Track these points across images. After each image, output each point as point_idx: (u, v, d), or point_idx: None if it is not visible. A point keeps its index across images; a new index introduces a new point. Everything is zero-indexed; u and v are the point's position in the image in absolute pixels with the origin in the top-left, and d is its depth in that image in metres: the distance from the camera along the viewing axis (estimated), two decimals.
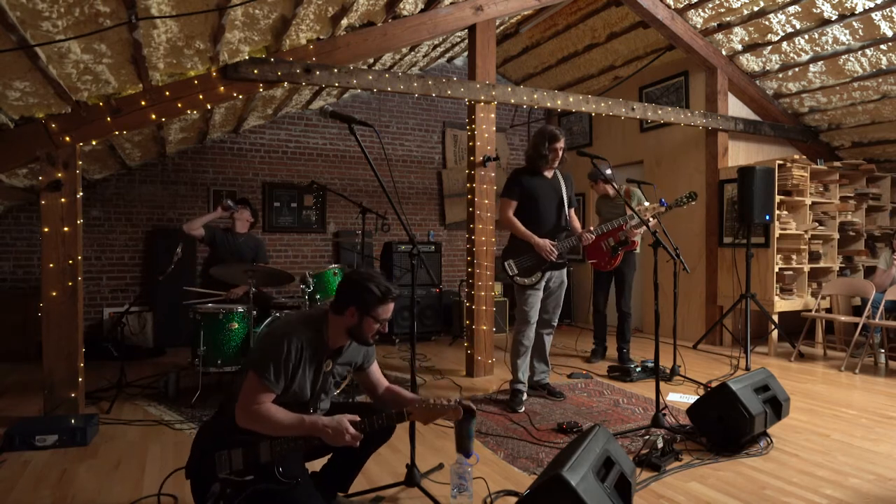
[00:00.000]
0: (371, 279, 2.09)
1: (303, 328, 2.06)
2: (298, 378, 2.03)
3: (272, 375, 1.95)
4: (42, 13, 2.50)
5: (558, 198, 3.85)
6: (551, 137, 3.77)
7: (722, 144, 6.03)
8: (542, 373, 4.09)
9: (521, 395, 3.81)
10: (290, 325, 2.08)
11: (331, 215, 6.95)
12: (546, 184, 3.85)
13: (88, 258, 5.89)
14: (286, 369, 1.98)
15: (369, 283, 2.07)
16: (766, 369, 3.30)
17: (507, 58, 7.73)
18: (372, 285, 2.07)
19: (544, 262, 3.74)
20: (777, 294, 5.49)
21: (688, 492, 2.52)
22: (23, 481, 2.66)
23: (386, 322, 2.13)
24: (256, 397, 1.95)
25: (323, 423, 1.95)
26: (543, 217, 3.80)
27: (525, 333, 3.86)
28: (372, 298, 2.05)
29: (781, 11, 5.07)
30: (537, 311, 3.86)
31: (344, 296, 2.09)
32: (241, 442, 1.97)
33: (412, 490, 2.49)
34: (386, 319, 2.12)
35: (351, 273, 2.19)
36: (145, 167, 6.14)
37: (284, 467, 1.97)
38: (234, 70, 3.83)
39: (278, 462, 1.96)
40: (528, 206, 3.81)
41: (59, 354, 3.49)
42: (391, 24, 4.37)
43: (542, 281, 3.81)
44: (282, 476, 1.96)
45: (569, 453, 2.04)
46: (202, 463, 1.99)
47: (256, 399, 1.95)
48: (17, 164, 3.57)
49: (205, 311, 3.93)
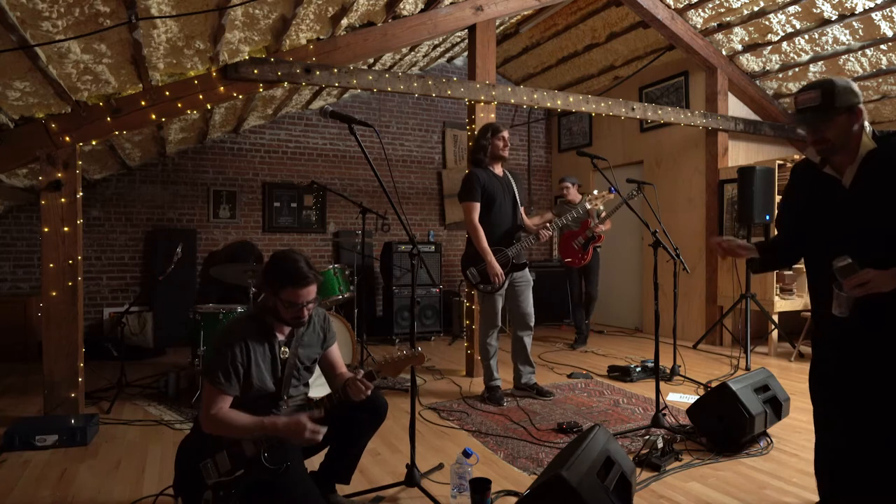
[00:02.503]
0: (284, 259, 2.05)
1: (245, 323, 2.08)
2: (255, 374, 2.03)
3: (222, 378, 1.97)
4: (42, 13, 2.50)
5: (512, 197, 3.88)
6: (494, 130, 3.84)
7: (722, 144, 6.03)
8: (529, 373, 4.10)
9: (498, 390, 3.94)
10: (232, 324, 2.10)
11: (331, 215, 6.96)
12: (499, 182, 3.86)
13: (88, 258, 5.89)
14: (235, 370, 1.99)
15: (282, 262, 2.04)
16: (766, 369, 3.29)
17: (507, 58, 7.73)
18: (283, 264, 2.03)
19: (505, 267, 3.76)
20: (777, 294, 5.49)
21: (688, 492, 2.52)
22: (23, 481, 2.66)
23: (300, 307, 2.04)
24: (213, 403, 1.98)
25: (282, 423, 1.95)
26: (501, 217, 3.82)
27: (492, 335, 3.98)
28: (280, 279, 2.02)
29: (781, 11, 5.07)
30: (500, 314, 3.96)
31: (262, 277, 2.10)
32: (223, 444, 1.99)
33: (412, 490, 2.48)
34: (295, 304, 2.03)
35: (273, 253, 2.19)
36: (145, 167, 6.14)
37: (270, 454, 1.98)
38: (234, 70, 3.83)
39: (263, 451, 1.97)
40: (486, 206, 3.80)
41: (59, 354, 3.49)
42: (391, 24, 4.37)
43: (504, 285, 3.84)
44: (269, 463, 1.97)
45: (569, 453, 2.04)
46: (189, 478, 2.01)
47: (214, 405, 1.97)
48: (17, 164, 3.57)
49: (205, 311, 3.92)
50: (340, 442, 2.27)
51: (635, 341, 6.31)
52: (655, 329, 3.39)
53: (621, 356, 5.45)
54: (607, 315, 7.56)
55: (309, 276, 2.03)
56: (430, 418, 3.56)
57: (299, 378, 2.21)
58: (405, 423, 2.66)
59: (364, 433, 2.31)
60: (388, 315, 6.30)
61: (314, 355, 2.25)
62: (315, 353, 2.25)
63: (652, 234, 3.48)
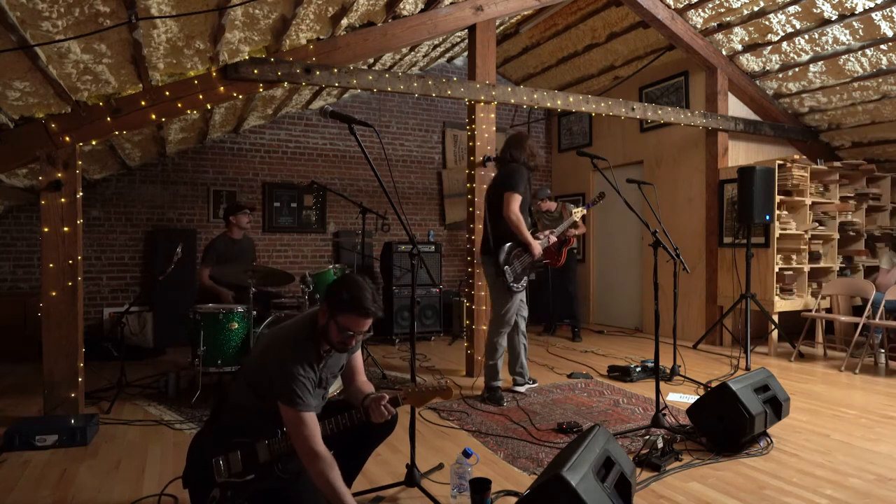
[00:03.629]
0: (353, 285, 2.00)
1: (301, 341, 2.04)
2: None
3: (305, 400, 1.93)
4: (42, 13, 2.50)
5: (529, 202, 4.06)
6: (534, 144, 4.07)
7: (722, 144, 6.03)
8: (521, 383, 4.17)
9: (499, 390, 3.97)
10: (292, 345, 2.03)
11: (331, 215, 6.95)
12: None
13: (88, 258, 5.89)
14: (311, 389, 1.97)
15: (349, 287, 2.00)
16: (766, 369, 3.30)
17: (507, 58, 7.73)
18: (350, 290, 1.99)
19: (534, 265, 3.92)
20: (777, 294, 5.49)
21: (688, 492, 2.52)
22: (23, 481, 2.66)
23: (351, 336, 2.01)
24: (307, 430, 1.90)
25: None
26: (526, 217, 3.94)
27: (505, 335, 3.99)
28: (342, 303, 1.98)
29: (781, 11, 5.07)
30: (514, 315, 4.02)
31: (326, 292, 2.07)
32: (238, 444, 1.97)
33: (412, 490, 2.49)
34: (350, 331, 2.00)
35: (344, 274, 2.17)
36: (145, 167, 6.14)
37: (283, 464, 1.97)
38: (234, 70, 3.83)
39: (277, 460, 1.96)
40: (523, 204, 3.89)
41: (59, 354, 3.49)
42: (391, 24, 4.37)
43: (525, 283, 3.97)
44: (281, 473, 1.96)
45: (569, 453, 2.04)
46: (199, 471, 2.00)
47: (306, 432, 1.90)
48: (17, 164, 3.57)
49: (205, 311, 3.93)
50: (347, 450, 2.26)
51: (635, 341, 6.31)
52: (655, 329, 3.39)
53: (621, 356, 5.45)
54: (607, 315, 7.56)
55: (372, 309, 1.99)
56: (430, 418, 3.56)
57: (326, 388, 2.20)
58: (405, 423, 2.65)
59: (372, 444, 2.31)
60: (388, 315, 6.30)
61: (342, 363, 2.24)
62: (342, 360, 2.24)
63: (652, 234, 3.48)
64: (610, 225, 7.50)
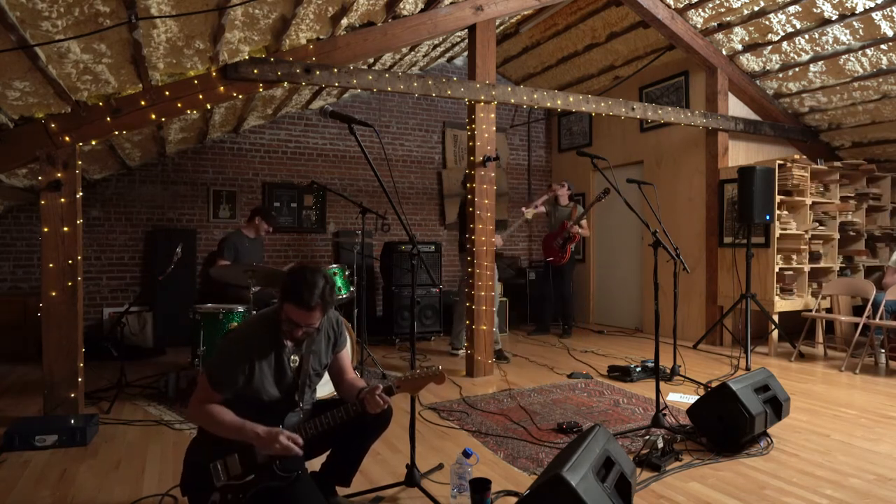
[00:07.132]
0: (300, 276, 1.99)
1: (257, 328, 2.07)
2: (256, 380, 2.01)
3: (218, 380, 1.98)
4: (42, 13, 2.50)
5: None
6: None
7: (722, 144, 6.03)
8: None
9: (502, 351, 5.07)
10: (244, 328, 2.10)
11: (331, 215, 6.95)
12: None
13: (88, 258, 5.89)
14: (234, 377, 1.98)
15: (295, 278, 1.99)
16: (766, 369, 3.29)
17: (507, 58, 7.73)
18: (295, 280, 1.97)
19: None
20: (777, 294, 5.49)
21: (688, 492, 2.52)
22: (23, 481, 2.66)
23: (295, 326, 1.99)
24: (204, 396, 2.00)
25: (262, 431, 1.92)
26: None
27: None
28: (286, 293, 1.98)
29: (781, 11, 5.07)
30: None
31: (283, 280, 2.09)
32: (235, 448, 1.98)
33: (412, 490, 2.48)
34: (292, 321, 1.98)
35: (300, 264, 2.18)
36: (145, 167, 6.14)
37: (282, 462, 1.97)
38: (234, 70, 3.83)
39: (275, 458, 1.97)
40: None
41: (58, 354, 3.49)
42: (391, 23, 4.37)
43: None
44: (280, 470, 1.96)
45: (569, 453, 2.04)
46: (197, 477, 2.00)
47: (204, 397, 2.00)
48: (17, 164, 3.57)
49: (205, 311, 3.93)
50: (344, 446, 2.26)
51: (635, 341, 6.31)
52: (655, 329, 3.38)
53: (621, 356, 5.45)
54: (607, 315, 7.56)
55: (312, 302, 1.95)
56: (430, 418, 3.56)
57: (312, 384, 2.19)
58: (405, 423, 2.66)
59: (368, 438, 2.30)
60: (388, 315, 6.30)
61: (325, 360, 2.23)
62: (326, 357, 2.23)
63: (652, 234, 3.48)
64: (610, 225, 7.50)
